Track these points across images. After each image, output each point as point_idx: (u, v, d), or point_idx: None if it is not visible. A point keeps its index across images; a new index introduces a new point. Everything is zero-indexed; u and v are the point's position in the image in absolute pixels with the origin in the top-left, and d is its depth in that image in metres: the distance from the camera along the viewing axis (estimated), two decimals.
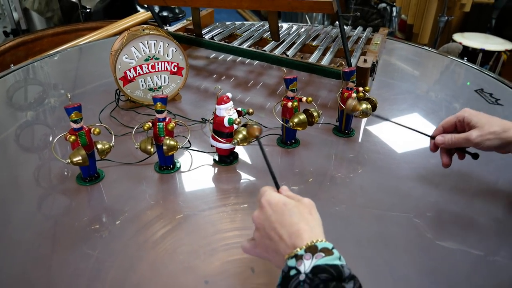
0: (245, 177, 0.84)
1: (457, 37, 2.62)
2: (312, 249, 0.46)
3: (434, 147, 0.80)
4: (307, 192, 0.79)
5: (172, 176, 0.83)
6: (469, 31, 2.81)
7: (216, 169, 0.86)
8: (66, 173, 0.83)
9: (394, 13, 4.19)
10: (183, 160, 0.88)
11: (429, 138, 0.80)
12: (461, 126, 0.76)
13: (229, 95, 0.80)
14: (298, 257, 0.46)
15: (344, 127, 0.96)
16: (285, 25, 1.55)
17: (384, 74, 1.32)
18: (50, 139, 0.95)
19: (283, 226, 0.50)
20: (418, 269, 0.63)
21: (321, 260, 0.45)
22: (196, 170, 0.85)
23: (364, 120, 1.04)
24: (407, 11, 2.46)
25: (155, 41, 0.99)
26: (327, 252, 0.46)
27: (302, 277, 0.44)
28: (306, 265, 0.45)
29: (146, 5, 1.29)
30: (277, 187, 0.57)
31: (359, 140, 0.97)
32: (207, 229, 0.70)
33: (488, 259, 0.65)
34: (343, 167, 0.87)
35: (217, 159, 0.86)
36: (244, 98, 1.15)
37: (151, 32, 0.99)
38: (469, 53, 2.74)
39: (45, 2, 2.80)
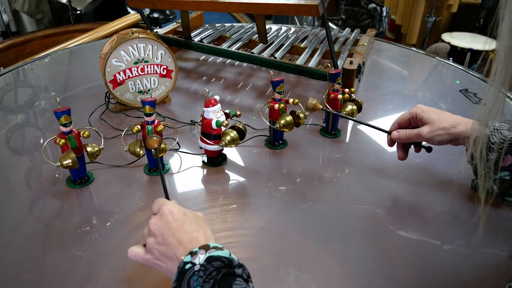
0: (234, 178, 0.86)
1: (446, 36, 2.65)
2: (205, 247, 0.50)
3: (391, 142, 0.85)
4: (295, 192, 0.80)
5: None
6: (458, 31, 2.84)
7: (205, 170, 0.87)
8: (57, 176, 0.84)
9: (384, 13, 4.23)
10: (173, 161, 0.89)
11: (386, 134, 0.85)
12: (415, 122, 0.81)
13: (217, 97, 0.81)
14: (193, 253, 0.50)
15: (331, 128, 0.97)
16: (274, 27, 1.57)
17: (371, 75, 1.35)
18: (41, 141, 0.96)
19: (183, 233, 0.53)
20: (405, 266, 0.65)
21: (214, 252, 0.50)
22: (185, 171, 0.86)
23: (350, 121, 1.05)
24: (395, 11, 2.49)
25: (144, 44, 1.00)
26: (219, 249, 0.51)
27: (197, 267, 0.48)
28: (201, 258, 0.49)
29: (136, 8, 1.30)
30: (168, 199, 0.64)
31: (346, 140, 0.99)
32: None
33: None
34: (330, 167, 0.89)
35: (205, 160, 0.88)
36: (234, 99, 1.17)
37: (140, 36, 1.00)
38: (457, 53, 2.77)
39: (35, 4, 2.79)
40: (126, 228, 0.72)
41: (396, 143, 0.84)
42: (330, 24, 4.18)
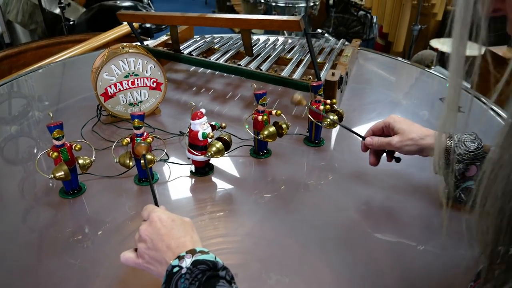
0: (221, 187, 0.90)
1: (434, 43, 2.71)
2: (192, 251, 0.55)
3: (364, 147, 0.89)
4: (278, 199, 0.84)
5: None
6: (447, 37, 2.90)
7: (193, 179, 0.91)
8: (50, 185, 0.87)
9: (375, 20, 4.30)
10: (162, 172, 0.93)
11: (361, 139, 0.89)
12: (387, 131, 0.85)
13: (203, 111, 0.85)
14: (181, 257, 0.54)
15: (314, 137, 1.02)
16: (262, 38, 1.61)
17: (355, 84, 1.39)
18: (35, 151, 1.00)
19: (172, 238, 0.57)
20: (382, 267, 0.69)
21: (200, 256, 0.54)
22: (174, 181, 0.90)
23: (333, 130, 1.10)
24: (382, 20, 2.55)
25: (134, 59, 1.04)
26: (204, 253, 0.55)
27: (184, 270, 0.52)
28: (187, 262, 0.53)
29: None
30: (157, 205, 0.67)
31: (329, 149, 1.03)
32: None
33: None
34: (313, 175, 0.93)
35: (193, 170, 0.92)
36: (222, 110, 1.21)
37: (130, 50, 1.04)
38: (446, 59, 2.83)
39: (29, 15, 2.83)
40: (117, 236, 0.75)
41: (369, 149, 0.88)
42: (321, 30, 4.24)
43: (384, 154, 0.88)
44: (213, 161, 0.94)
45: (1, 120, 1.17)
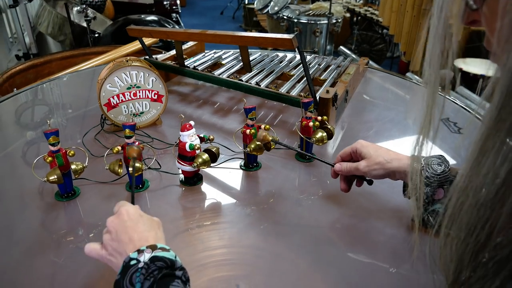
0: (209, 196, 0.93)
1: (458, 62, 2.66)
2: (153, 247, 0.56)
3: (334, 173, 0.88)
4: (263, 211, 0.87)
5: (142, 194, 0.92)
6: (472, 57, 2.83)
7: (183, 188, 0.95)
8: (48, 189, 0.93)
9: None
10: (153, 180, 0.97)
11: (331, 167, 0.89)
12: (355, 156, 0.85)
13: (192, 123, 0.89)
14: (140, 251, 0.55)
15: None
16: (271, 54, 1.65)
17: (357, 102, 1.41)
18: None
19: (135, 232, 0.59)
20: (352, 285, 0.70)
21: (159, 253, 0.55)
22: (164, 189, 0.94)
23: (327, 146, 1.12)
24: (399, 38, 2.55)
25: (137, 72, 1.10)
26: (165, 250, 0.56)
27: (140, 265, 0.54)
28: (146, 257, 0.54)
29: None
30: (133, 204, 0.68)
31: (319, 165, 1.05)
32: (177, 244, 0.78)
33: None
34: (299, 190, 0.95)
35: (183, 179, 0.95)
36: (221, 123, 1.24)
37: (133, 64, 1.09)
38: (469, 79, 2.77)
39: (58, 27, 2.98)
40: None
41: (339, 175, 0.88)
42: (344, 49, 4.26)
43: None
44: (203, 172, 0.97)
45: (19, 124, 1.25)
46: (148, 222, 0.62)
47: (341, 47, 4.29)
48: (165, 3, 3.93)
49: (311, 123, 0.98)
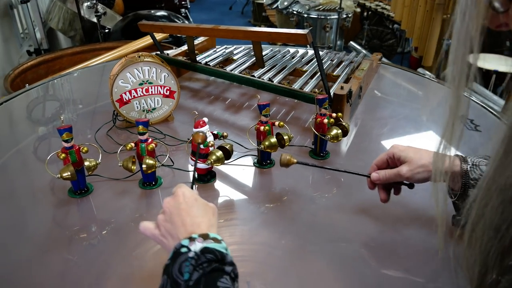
0: (222, 194, 0.92)
1: (471, 58, 2.62)
2: (205, 236, 0.54)
3: (372, 184, 0.82)
4: (277, 209, 0.86)
5: (155, 191, 0.92)
6: (485, 53, 2.79)
7: (195, 186, 0.94)
8: (59, 185, 0.92)
9: None
10: (166, 177, 0.96)
11: (366, 177, 0.83)
12: (393, 162, 0.79)
13: (206, 119, 0.88)
14: (192, 239, 0.54)
15: (319, 150, 1.02)
16: (292, 50, 1.62)
17: (371, 98, 1.38)
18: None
19: (188, 216, 0.58)
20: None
21: (210, 244, 0.53)
22: None
23: (341, 144, 1.10)
24: (411, 34, 2.51)
25: (149, 67, 1.09)
26: (217, 241, 0.54)
27: (191, 254, 0.52)
28: (197, 246, 0.53)
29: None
30: (192, 188, 0.67)
31: (334, 162, 1.03)
32: None
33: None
34: (313, 188, 0.94)
35: (196, 177, 0.94)
36: (233, 120, 1.23)
37: (145, 59, 1.09)
38: (482, 75, 2.73)
39: (69, 22, 2.98)
40: (120, 236, 0.79)
41: (377, 185, 0.81)
42: (354, 44, 4.22)
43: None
44: (217, 169, 0.96)
45: (32, 119, 1.25)
46: (203, 207, 0.60)
47: (351, 42, 4.24)
48: None
49: (325, 120, 0.97)
